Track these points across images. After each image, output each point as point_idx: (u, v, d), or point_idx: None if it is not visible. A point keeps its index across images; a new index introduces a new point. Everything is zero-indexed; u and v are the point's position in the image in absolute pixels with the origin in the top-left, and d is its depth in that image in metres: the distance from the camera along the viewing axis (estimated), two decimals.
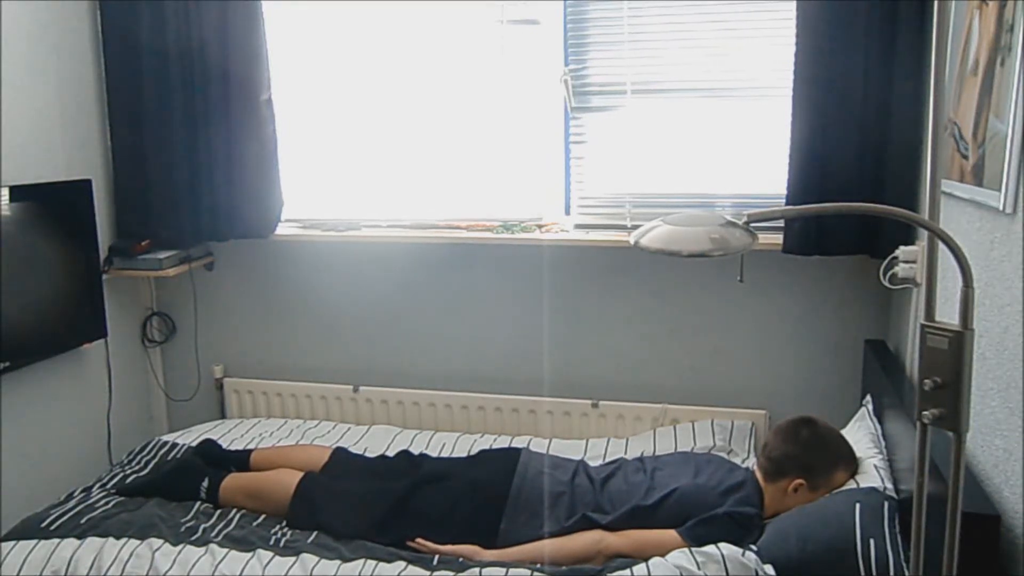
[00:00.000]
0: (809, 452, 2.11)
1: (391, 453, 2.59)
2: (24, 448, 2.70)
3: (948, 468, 1.16)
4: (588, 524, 2.12)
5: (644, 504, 2.12)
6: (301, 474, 2.33)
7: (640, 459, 2.40)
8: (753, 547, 1.92)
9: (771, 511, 2.11)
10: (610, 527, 2.10)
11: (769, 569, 1.83)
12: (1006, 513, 1.44)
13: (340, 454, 2.52)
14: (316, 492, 2.26)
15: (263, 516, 2.27)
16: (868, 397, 2.44)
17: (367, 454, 2.61)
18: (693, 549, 1.89)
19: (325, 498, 2.24)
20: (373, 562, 1.98)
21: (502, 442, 2.70)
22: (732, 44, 2.64)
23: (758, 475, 2.19)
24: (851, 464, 2.11)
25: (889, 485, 1.97)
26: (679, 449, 2.56)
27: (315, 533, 2.16)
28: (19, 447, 2.68)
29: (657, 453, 2.52)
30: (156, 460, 2.61)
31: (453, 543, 2.10)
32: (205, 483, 2.35)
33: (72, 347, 2.81)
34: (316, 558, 2.00)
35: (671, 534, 2.03)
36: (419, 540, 2.11)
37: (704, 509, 2.06)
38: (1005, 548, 1.44)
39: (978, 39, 1.70)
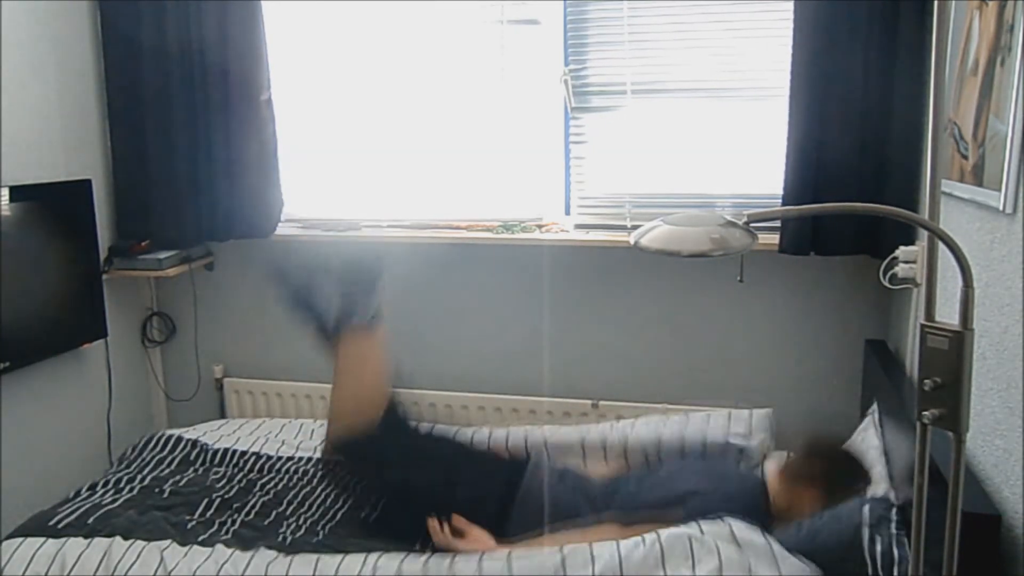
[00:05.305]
0: (838, 481, 2.12)
1: None
2: (24, 448, 2.70)
3: (948, 468, 1.16)
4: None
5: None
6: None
7: (647, 463, 2.40)
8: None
9: (778, 506, 2.12)
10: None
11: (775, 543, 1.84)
12: (1006, 513, 1.44)
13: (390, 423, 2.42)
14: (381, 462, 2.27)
15: (273, 514, 2.26)
16: (874, 406, 2.41)
17: None
18: (700, 520, 1.91)
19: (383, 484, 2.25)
20: (374, 556, 1.98)
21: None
22: (732, 44, 2.64)
23: (773, 467, 2.20)
24: (867, 490, 2.13)
25: (892, 492, 1.97)
26: (688, 437, 2.50)
27: (320, 535, 2.16)
28: (19, 447, 2.68)
29: (664, 438, 2.48)
30: (160, 454, 2.60)
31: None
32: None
33: (72, 347, 2.81)
34: (316, 555, 2.01)
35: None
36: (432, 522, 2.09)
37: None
38: (1005, 548, 1.44)
39: (978, 39, 1.70)
